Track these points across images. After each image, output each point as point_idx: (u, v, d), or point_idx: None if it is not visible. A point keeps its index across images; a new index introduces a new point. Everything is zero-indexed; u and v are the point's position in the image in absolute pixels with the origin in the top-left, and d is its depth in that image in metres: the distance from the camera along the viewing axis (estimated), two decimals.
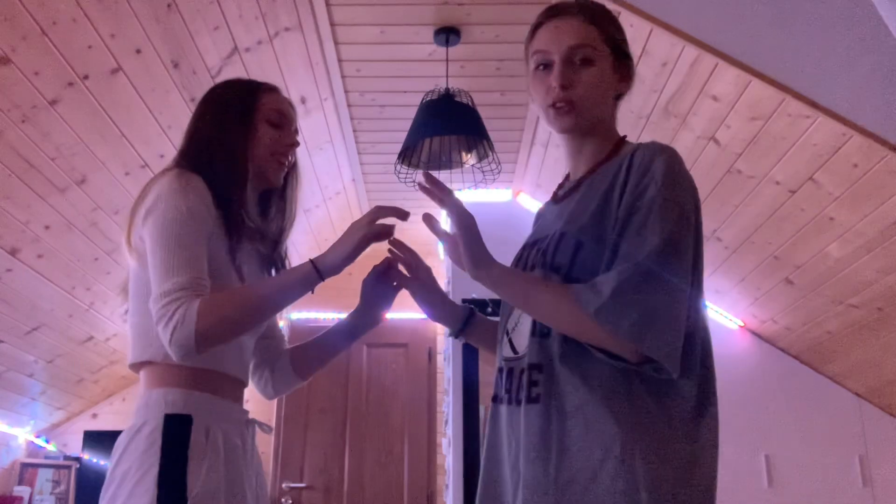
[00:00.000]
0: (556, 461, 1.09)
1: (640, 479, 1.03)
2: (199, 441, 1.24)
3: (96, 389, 4.35)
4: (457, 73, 3.18)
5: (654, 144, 1.19)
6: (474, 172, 3.10)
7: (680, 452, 1.07)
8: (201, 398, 1.30)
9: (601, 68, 1.23)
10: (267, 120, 1.47)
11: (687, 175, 1.17)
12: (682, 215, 1.12)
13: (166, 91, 2.74)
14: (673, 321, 1.05)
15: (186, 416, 1.26)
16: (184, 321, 1.19)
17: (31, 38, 2.20)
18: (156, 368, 1.31)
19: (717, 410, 1.13)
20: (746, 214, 3.14)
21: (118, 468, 1.23)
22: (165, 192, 1.29)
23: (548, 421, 1.11)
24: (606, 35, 1.25)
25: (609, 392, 1.09)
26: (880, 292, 3.04)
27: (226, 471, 1.27)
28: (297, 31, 2.95)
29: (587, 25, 1.23)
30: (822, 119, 2.46)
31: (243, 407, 1.43)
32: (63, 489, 4.09)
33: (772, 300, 3.62)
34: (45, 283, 3.12)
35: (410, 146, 2.94)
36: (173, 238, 1.25)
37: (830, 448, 3.82)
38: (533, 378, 1.16)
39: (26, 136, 2.46)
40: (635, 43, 2.70)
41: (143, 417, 1.26)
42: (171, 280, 1.22)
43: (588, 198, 1.21)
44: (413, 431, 4.65)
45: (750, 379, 3.96)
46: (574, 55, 1.22)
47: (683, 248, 1.10)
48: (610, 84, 1.26)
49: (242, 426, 1.39)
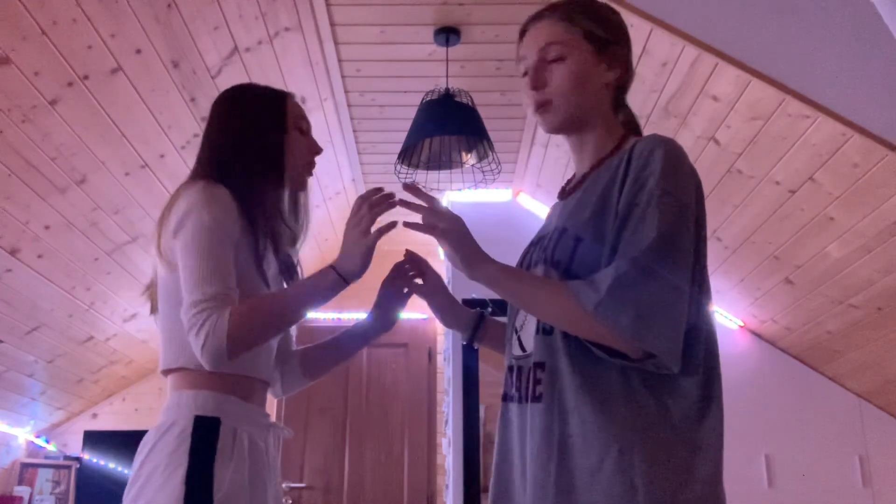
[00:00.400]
0: (557, 460, 1.08)
1: (639, 481, 1.03)
2: (226, 443, 1.27)
3: (96, 389, 4.35)
4: (457, 73, 3.18)
5: (654, 137, 1.18)
6: (474, 172, 3.10)
7: (679, 454, 1.06)
8: (230, 401, 1.32)
9: (576, 61, 1.23)
10: (297, 127, 1.50)
11: (688, 167, 1.16)
12: (681, 209, 1.10)
13: (166, 91, 2.74)
14: (672, 315, 1.04)
15: (215, 418, 1.28)
16: (215, 330, 1.21)
17: (31, 38, 2.20)
18: (188, 373, 1.34)
19: (721, 413, 1.12)
20: (746, 214, 3.14)
21: (145, 465, 1.25)
22: (194, 205, 1.31)
23: (550, 419, 1.11)
24: (582, 28, 1.25)
25: (608, 391, 1.08)
26: (880, 292, 3.04)
27: (250, 473, 1.29)
28: (297, 31, 2.95)
29: (558, 23, 1.25)
30: (822, 119, 2.47)
31: (266, 410, 1.45)
32: (63, 489, 4.09)
33: (772, 300, 3.62)
34: (45, 283, 3.12)
35: (410, 146, 2.94)
36: (202, 249, 1.28)
37: (830, 448, 3.82)
38: (537, 376, 1.16)
39: (26, 136, 2.46)
40: (635, 43, 2.70)
41: (173, 417, 1.29)
42: (201, 290, 1.25)
43: (589, 193, 1.21)
44: (413, 431, 4.65)
45: (750, 379, 3.96)
46: (546, 55, 1.24)
47: (682, 242, 1.09)
48: (590, 75, 1.25)
49: (266, 430, 1.41)
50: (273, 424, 1.44)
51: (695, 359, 1.10)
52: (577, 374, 1.10)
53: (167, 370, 1.37)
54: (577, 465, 1.07)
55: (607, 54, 1.27)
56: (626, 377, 1.09)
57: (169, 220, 1.36)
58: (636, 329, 1.03)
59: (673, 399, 1.08)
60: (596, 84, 1.26)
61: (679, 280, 1.06)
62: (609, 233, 1.12)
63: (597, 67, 1.26)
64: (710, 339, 1.14)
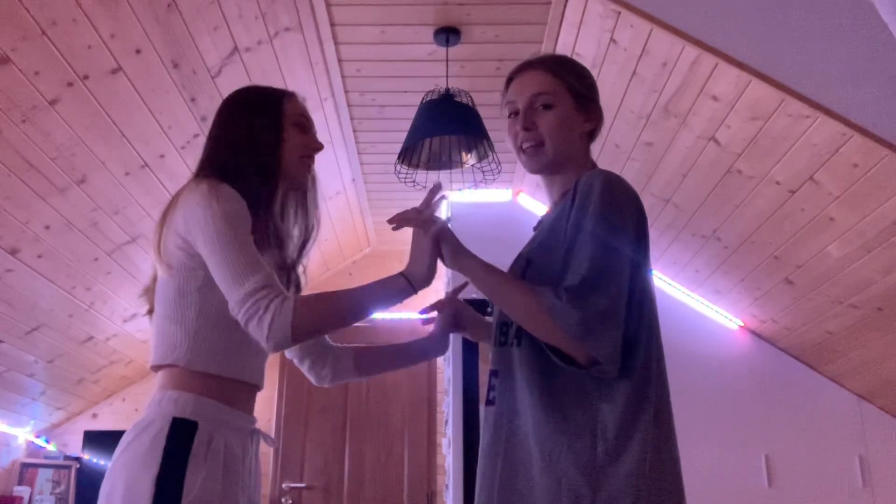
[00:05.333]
0: (502, 458, 1.26)
1: (563, 485, 1.16)
2: (200, 448, 1.28)
3: (96, 389, 4.35)
4: (457, 73, 3.18)
5: (595, 170, 1.34)
6: (474, 172, 3.10)
7: (606, 452, 1.17)
8: (210, 405, 1.34)
9: (562, 110, 1.40)
10: (294, 124, 1.52)
11: (625, 190, 1.31)
12: (620, 226, 1.25)
13: (166, 91, 2.74)
14: (611, 325, 1.18)
15: (193, 421, 1.30)
16: (281, 313, 1.25)
17: (31, 38, 2.20)
18: (175, 372, 1.35)
19: (664, 416, 1.23)
20: (746, 214, 3.14)
21: (121, 458, 1.28)
22: (208, 200, 1.33)
23: (500, 422, 1.30)
24: (566, 82, 1.42)
25: (549, 395, 1.23)
26: (880, 292, 3.04)
27: (223, 480, 1.30)
28: (297, 31, 2.95)
29: (547, 75, 1.42)
30: (822, 119, 2.47)
31: (252, 415, 1.46)
32: (63, 489, 4.09)
33: (772, 300, 3.62)
34: (45, 283, 3.12)
35: (410, 146, 2.94)
36: (232, 240, 1.31)
37: (830, 448, 3.82)
38: (491, 383, 1.36)
39: (26, 136, 2.46)
40: (635, 43, 2.71)
41: (153, 416, 1.31)
42: (250, 280, 1.28)
43: (547, 227, 1.39)
44: (413, 431, 4.65)
45: (750, 379, 3.96)
46: (535, 102, 1.40)
47: (619, 263, 1.23)
48: (573, 124, 1.41)
49: (247, 435, 1.41)
50: (255, 430, 1.45)
51: (632, 363, 1.22)
52: (523, 380, 1.27)
53: (156, 366, 1.39)
54: (516, 466, 1.24)
55: (585, 107, 1.43)
56: (566, 383, 1.22)
57: (174, 220, 1.37)
58: (582, 332, 1.17)
59: (607, 402, 1.20)
60: (576, 132, 1.43)
61: (620, 291, 1.21)
62: (560, 254, 1.27)
63: (578, 117, 1.42)
64: (651, 346, 1.26)
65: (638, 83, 2.87)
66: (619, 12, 2.62)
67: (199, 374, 1.34)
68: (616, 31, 2.73)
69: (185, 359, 1.34)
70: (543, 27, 2.98)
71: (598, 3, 2.67)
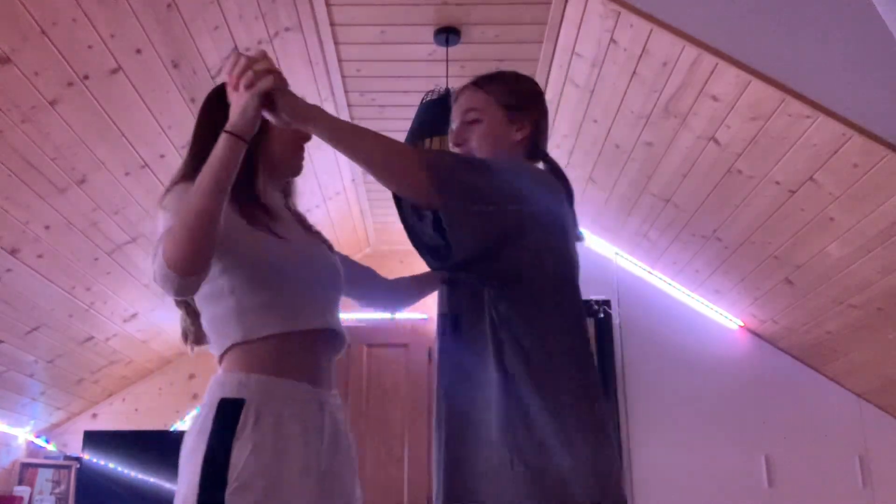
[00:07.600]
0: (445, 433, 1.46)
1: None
2: (246, 425, 1.28)
3: (96, 389, 4.35)
4: (457, 73, 3.18)
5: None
6: None
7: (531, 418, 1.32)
8: (260, 381, 1.33)
9: (489, 124, 1.52)
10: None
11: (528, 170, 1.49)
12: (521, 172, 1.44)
13: (166, 91, 2.74)
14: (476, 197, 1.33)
15: (239, 400, 1.30)
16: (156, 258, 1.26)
17: (31, 38, 2.20)
18: (232, 354, 1.36)
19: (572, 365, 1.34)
20: (746, 214, 3.14)
21: (186, 440, 1.32)
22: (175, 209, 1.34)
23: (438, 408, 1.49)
24: (495, 97, 1.54)
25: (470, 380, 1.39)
26: (880, 292, 3.04)
27: (273, 453, 1.28)
28: (297, 31, 2.95)
29: (477, 92, 1.57)
30: (822, 119, 2.47)
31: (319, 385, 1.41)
32: (63, 489, 4.09)
33: (772, 300, 3.62)
34: (45, 283, 3.12)
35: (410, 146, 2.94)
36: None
37: (830, 448, 3.82)
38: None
39: (26, 136, 2.46)
40: (636, 43, 2.70)
41: (206, 399, 1.34)
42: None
43: None
44: (413, 431, 4.65)
45: (750, 379, 3.96)
46: (465, 118, 1.55)
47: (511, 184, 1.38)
48: (500, 135, 1.52)
49: (310, 405, 1.38)
50: (325, 399, 1.41)
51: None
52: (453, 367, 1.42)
53: (220, 357, 1.40)
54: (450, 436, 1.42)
55: (517, 118, 1.53)
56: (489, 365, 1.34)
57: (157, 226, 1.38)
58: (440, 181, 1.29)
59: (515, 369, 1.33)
60: (506, 142, 1.52)
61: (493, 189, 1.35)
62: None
63: (508, 128, 1.52)
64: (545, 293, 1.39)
65: (638, 83, 2.87)
66: (619, 12, 2.62)
67: (259, 343, 1.34)
68: (616, 31, 2.73)
69: (239, 334, 1.34)
70: (543, 27, 2.98)
71: (598, 3, 2.67)
